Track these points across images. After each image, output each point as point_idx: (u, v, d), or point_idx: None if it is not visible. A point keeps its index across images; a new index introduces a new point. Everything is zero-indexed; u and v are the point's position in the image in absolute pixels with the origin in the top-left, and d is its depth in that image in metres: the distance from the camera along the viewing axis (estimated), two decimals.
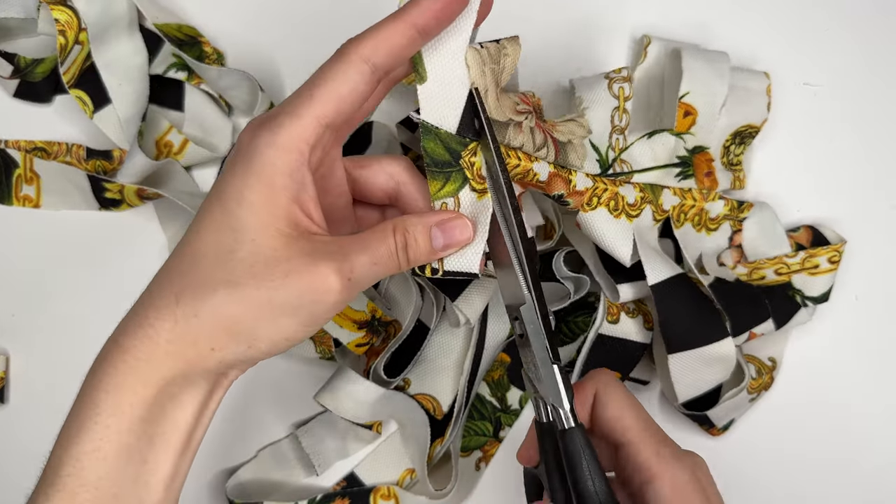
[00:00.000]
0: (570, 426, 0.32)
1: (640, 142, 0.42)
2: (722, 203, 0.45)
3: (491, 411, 0.47)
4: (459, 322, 0.41)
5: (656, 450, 0.33)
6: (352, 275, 0.30)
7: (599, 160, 0.41)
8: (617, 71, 0.43)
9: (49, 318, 0.48)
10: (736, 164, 0.46)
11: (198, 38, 0.48)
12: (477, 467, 0.46)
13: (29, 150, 0.47)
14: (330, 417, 0.47)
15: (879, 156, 0.49)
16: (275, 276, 0.29)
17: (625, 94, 0.42)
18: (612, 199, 0.40)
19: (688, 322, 0.42)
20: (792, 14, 0.49)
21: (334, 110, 0.30)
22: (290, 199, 0.30)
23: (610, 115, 0.42)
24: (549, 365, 0.32)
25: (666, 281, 0.41)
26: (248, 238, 0.29)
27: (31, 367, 0.48)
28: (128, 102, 0.46)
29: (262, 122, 0.30)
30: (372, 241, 0.31)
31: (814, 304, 0.45)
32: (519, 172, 0.36)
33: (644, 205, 0.42)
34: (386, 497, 0.46)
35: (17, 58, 0.46)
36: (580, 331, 0.46)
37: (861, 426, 0.47)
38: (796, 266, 0.45)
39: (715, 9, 0.49)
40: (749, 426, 0.47)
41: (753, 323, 0.43)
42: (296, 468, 0.46)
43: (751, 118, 0.46)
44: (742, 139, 0.46)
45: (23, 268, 0.48)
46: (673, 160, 0.43)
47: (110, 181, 0.47)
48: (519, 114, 0.36)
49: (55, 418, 0.47)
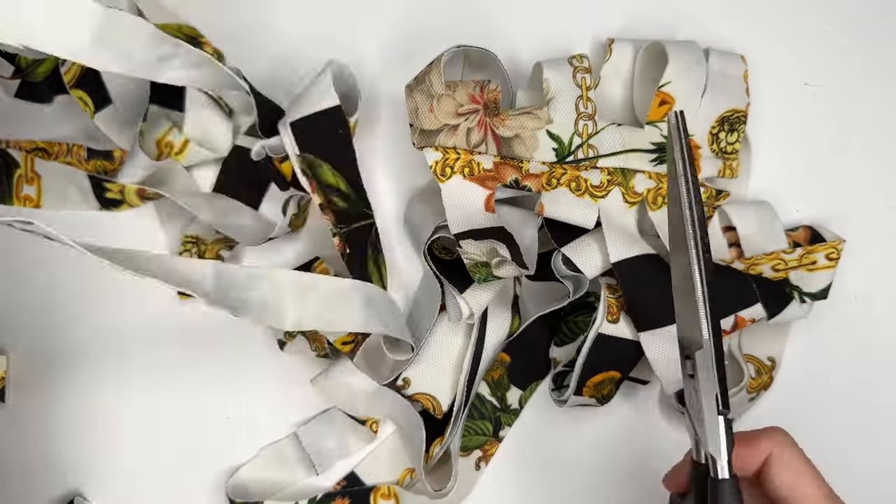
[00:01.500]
0: (724, 477, 0.31)
1: (610, 128, 0.43)
2: (702, 190, 0.44)
3: (491, 411, 0.47)
4: (462, 315, 0.42)
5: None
6: None
7: (557, 149, 0.42)
8: (579, 59, 0.43)
9: (49, 318, 0.48)
10: (730, 153, 0.46)
11: (198, 38, 0.48)
12: (477, 467, 0.47)
13: (30, 151, 0.47)
14: (330, 417, 0.47)
15: (879, 156, 0.49)
16: None
17: (587, 84, 0.43)
18: (572, 180, 0.41)
19: (656, 299, 0.41)
20: (791, 14, 0.49)
21: None
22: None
23: (574, 103, 0.42)
24: (716, 415, 0.32)
25: (629, 259, 0.41)
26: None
27: (31, 367, 0.48)
28: (129, 102, 0.46)
29: None
30: None
31: (811, 300, 0.45)
32: (462, 165, 0.40)
33: (611, 187, 0.42)
34: (386, 496, 0.46)
35: (17, 58, 0.47)
36: (580, 330, 0.46)
37: (861, 426, 0.47)
38: (794, 262, 0.45)
39: (714, 9, 0.49)
40: (749, 426, 0.46)
41: (737, 305, 0.43)
42: (296, 468, 0.46)
43: (734, 103, 0.46)
44: (731, 125, 0.45)
45: (23, 268, 0.48)
46: (646, 146, 0.43)
47: (111, 181, 0.47)
48: (458, 116, 0.40)
49: (55, 418, 0.47)
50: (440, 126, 0.40)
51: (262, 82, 0.46)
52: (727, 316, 0.43)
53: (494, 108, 0.41)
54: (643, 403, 0.47)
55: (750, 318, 0.43)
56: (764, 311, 0.43)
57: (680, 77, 0.44)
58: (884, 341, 0.47)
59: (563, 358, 0.46)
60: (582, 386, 0.43)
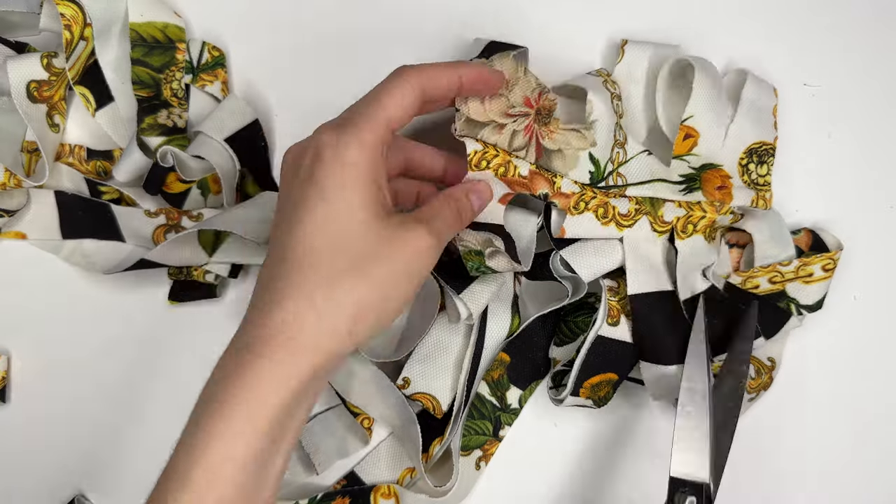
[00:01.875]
0: None
1: (640, 156, 0.42)
2: (729, 218, 0.44)
3: (491, 410, 0.47)
4: (460, 316, 0.42)
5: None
6: (438, 233, 0.35)
7: (593, 173, 0.41)
8: (612, 84, 0.43)
9: (49, 318, 0.48)
10: (762, 185, 0.45)
11: (175, 43, 0.48)
12: (477, 466, 0.46)
13: (31, 151, 0.47)
14: (329, 417, 0.47)
15: (879, 156, 0.49)
16: (388, 251, 0.33)
17: (619, 112, 0.43)
18: (600, 206, 0.41)
19: (664, 339, 0.42)
20: (791, 15, 0.49)
21: (398, 118, 0.35)
22: (378, 187, 0.34)
23: (613, 130, 0.42)
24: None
25: (648, 293, 0.42)
26: (356, 222, 0.33)
27: (31, 367, 0.48)
28: (130, 101, 0.47)
29: (342, 125, 0.34)
30: (438, 209, 0.36)
31: (808, 311, 0.45)
32: (499, 164, 0.39)
33: (639, 216, 0.42)
34: (386, 496, 0.46)
35: (27, 47, 0.47)
36: (580, 331, 0.46)
37: (861, 426, 0.47)
38: (790, 275, 0.45)
39: (714, 9, 0.49)
40: (749, 426, 0.47)
41: (735, 339, 0.43)
42: (296, 467, 0.46)
43: (762, 136, 0.45)
44: (760, 158, 0.45)
45: (23, 268, 0.48)
46: (674, 178, 0.43)
47: (105, 184, 0.47)
48: (508, 116, 0.40)
49: (55, 418, 0.47)
50: (488, 121, 0.39)
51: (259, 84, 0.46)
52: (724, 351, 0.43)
53: (546, 117, 0.41)
54: (643, 403, 0.47)
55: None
56: (763, 339, 0.44)
57: (702, 112, 0.44)
58: (884, 341, 0.47)
59: (563, 358, 0.46)
60: (579, 387, 0.43)
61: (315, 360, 0.32)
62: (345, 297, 0.32)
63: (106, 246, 0.47)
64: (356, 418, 0.46)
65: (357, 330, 0.33)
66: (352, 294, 0.32)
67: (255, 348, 0.32)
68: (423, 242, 0.34)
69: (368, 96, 0.35)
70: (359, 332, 0.33)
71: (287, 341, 0.32)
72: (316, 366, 0.32)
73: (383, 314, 0.34)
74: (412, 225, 0.34)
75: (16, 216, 0.47)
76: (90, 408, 0.47)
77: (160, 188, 0.46)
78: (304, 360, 0.32)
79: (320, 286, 0.32)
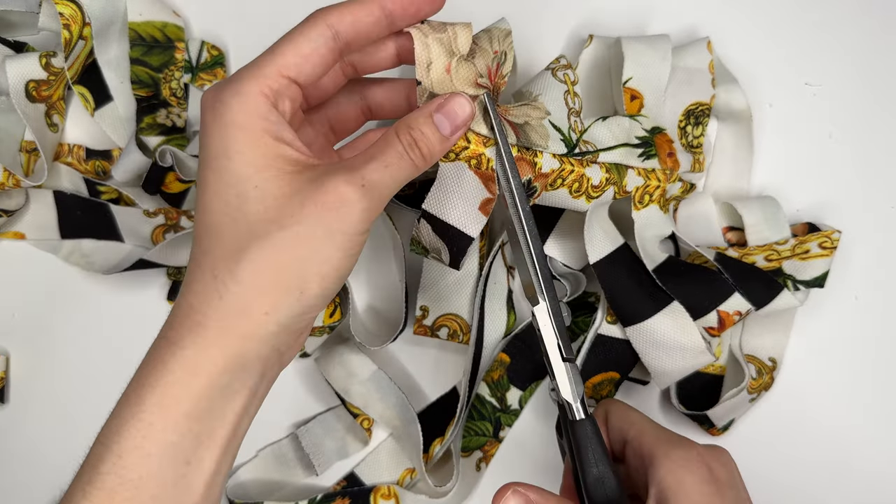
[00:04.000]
0: (581, 418, 0.34)
1: (596, 124, 0.42)
2: (678, 185, 0.44)
3: (491, 411, 0.47)
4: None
5: (657, 436, 0.34)
6: (364, 181, 0.29)
7: (564, 139, 0.39)
8: (555, 61, 0.42)
9: (49, 318, 0.48)
10: (696, 147, 0.45)
11: (174, 42, 0.47)
12: (478, 468, 0.46)
13: (30, 151, 0.47)
14: (329, 418, 0.47)
15: (879, 156, 0.49)
16: (292, 211, 0.29)
17: (570, 80, 0.41)
18: (576, 180, 0.40)
19: (634, 292, 0.41)
20: (792, 14, 0.49)
21: (296, 65, 0.30)
22: (275, 139, 0.30)
23: (563, 97, 0.41)
24: (560, 362, 0.35)
25: (606, 257, 0.41)
26: (250, 188, 0.29)
27: (31, 367, 0.48)
28: (129, 101, 0.46)
29: (225, 80, 0.31)
30: (377, 150, 0.31)
31: (806, 287, 0.44)
32: (470, 155, 0.35)
33: (608, 186, 0.41)
34: (386, 496, 0.46)
35: (25, 47, 0.47)
36: (580, 331, 0.46)
37: (861, 426, 0.47)
38: (787, 252, 0.45)
39: (715, 9, 0.49)
40: (749, 426, 0.47)
41: (713, 301, 0.42)
42: (296, 468, 0.46)
43: (697, 96, 0.45)
44: (697, 119, 0.45)
45: (23, 268, 0.48)
46: (632, 140, 0.43)
47: (104, 184, 0.47)
48: (477, 87, 0.35)
49: (55, 418, 0.47)
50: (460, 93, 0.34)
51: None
52: (706, 314, 0.42)
53: (496, 97, 0.36)
54: (643, 403, 0.47)
55: (735, 311, 0.42)
56: (747, 302, 0.42)
57: (639, 72, 0.44)
58: (884, 341, 0.47)
59: None
60: None
61: (226, 346, 0.28)
62: (249, 270, 0.28)
63: (105, 246, 0.47)
64: (356, 419, 0.46)
65: (275, 308, 0.29)
66: (257, 267, 0.28)
67: (167, 334, 0.29)
68: (337, 196, 0.29)
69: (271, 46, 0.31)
70: (279, 309, 0.29)
71: (195, 326, 0.28)
72: (229, 353, 0.28)
73: (305, 285, 0.29)
74: (326, 178, 0.29)
75: (14, 216, 0.47)
76: (89, 408, 0.47)
77: (159, 188, 0.46)
78: (213, 347, 0.28)
79: (221, 261, 0.29)
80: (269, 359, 0.30)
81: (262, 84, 0.30)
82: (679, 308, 0.41)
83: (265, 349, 0.29)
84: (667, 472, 0.32)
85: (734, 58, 0.48)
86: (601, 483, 0.33)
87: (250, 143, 0.29)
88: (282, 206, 0.29)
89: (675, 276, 0.42)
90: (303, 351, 0.46)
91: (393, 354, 0.48)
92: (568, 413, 0.35)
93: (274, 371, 0.31)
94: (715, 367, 0.46)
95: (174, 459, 0.28)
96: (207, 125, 0.30)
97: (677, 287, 0.42)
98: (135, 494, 0.28)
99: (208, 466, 0.29)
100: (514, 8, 0.46)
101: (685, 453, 0.33)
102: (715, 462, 0.33)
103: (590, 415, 0.34)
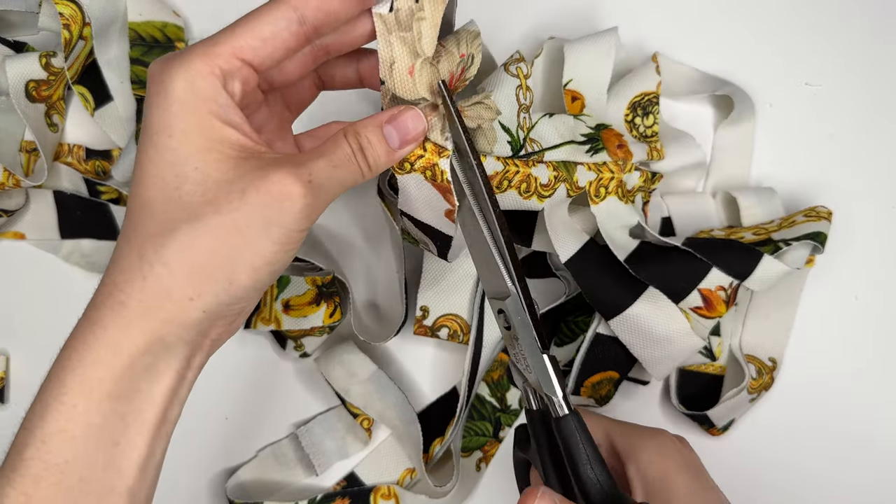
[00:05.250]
0: (565, 413, 0.32)
1: (543, 120, 0.41)
2: (637, 174, 0.44)
3: (491, 411, 0.47)
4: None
5: (624, 431, 0.35)
6: (311, 177, 0.29)
7: (511, 141, 0.39)
8: (509, 57, 0.42)
9: (49, 318, 0.48)
10: (651, 137, 0.45)
11: (174, 42, 0.47)
12: (478, 468, 0.46)
13: (30, 151, 0.47)
14: (329, 418, 0.47)
15: (879, 156, 0.49)
16: (232, 197, 0.28)
17: (523, 73, 0.41)
18: (523, 181, 0.39)
19: (612, 286, 0.41)
20: (792, 15, 0.49)
21: (252, 48, 0.29)
22: (221, 121, 0.29)
23: (514, 93, 0.40)
24: (539, 355, 0.32)
25: (576, 255, 0.41)
26: (190, 167, 0.28)
27: (31, 367, 0.48)
28: (129, 100, 0.46)
29: (175, 53, 0.29)
30: (327, 148, 0.30)
31: (797, 242, 0.43)
32: (425, 166, 0.34)
33: (558, 184, 0.41)
34: (386, 496, 0.46)
35: (25, 47, 0.47)
36: (580, 331, 0.46)
37: (861, 426, 0.47)
38: (774, 228, 0.45)
39: (714, 9, 0.49)
40: (749, 426, 0.47)
41: (692, 281, 0.42)
42: (296, 468, 0.46)
43: (642, 87, 0.45)
44: (645, 109, 0.45)
45: (23, 268, 0.48)
46: (578, 138, 0.43)
47: (104, 184, 0.47)
48: (436, 94, 0.34)
49: None
50: (417, 99, 0.33)
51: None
52: (686, 295, 0.42)
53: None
54: (643, 403, 0.47)
55: (717, 287, 0.42)
56: (727, 275, 0.42)
57: (578, 72, 0.44)
58: (885, 341, 0.47)
59: (563, 358, 0.46)
60: (580, 385, 0.43)
61: (148, 328, 0.27)
62: (177, 252, 0.27)
63: (105, 246, 0.47)
64: (356, 419, 0.46)
65: (200, 294, 0.28)
66: (186, 250, 0.27)
67: (89, 314, 0.28)
68: (281, 188, 0.28)
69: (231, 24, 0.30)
70: (204, 295, 0.28)
71: (117, 305, 0.28)
72: (150, 335, 0.28)
73: (234, 275, 0.28)
74: (272, 169, 0.28)
75: (14, 216, 0.47)
76: None
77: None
78: (134, 328, 0.27)
79: (150, 239, 0.28)
80: (196, 343, 0.29)
81: (213, 63, 0.28)
82: (656, 292, 0.41)
83: (190, 334, 0.28)
84: (647, 462, 0.33)
85: (734, 58, 0.48)
86: (598, 484, 0.31)
87: (194, 123, 0.28)
88: (221, 191, 0.28)
89: (648, 263, 0.42)
90: (303, 351, 0.46)
91: (393, 354, 0.48)
92: (551, 410, 0.32)
93: (203, 354, 0.30)
94: (715, 367, 0.46)
95: (100, 441, 0.27)
96: (151, 97, 0.29)
97: (652, 275, 0.41)
98: (61, 479, 0.27)
99: (139, 449, 0.28)
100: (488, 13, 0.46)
101: (659, 441, 0.34)
102: (683, 447, 0.35)
103: (574, 409, 0.32)
